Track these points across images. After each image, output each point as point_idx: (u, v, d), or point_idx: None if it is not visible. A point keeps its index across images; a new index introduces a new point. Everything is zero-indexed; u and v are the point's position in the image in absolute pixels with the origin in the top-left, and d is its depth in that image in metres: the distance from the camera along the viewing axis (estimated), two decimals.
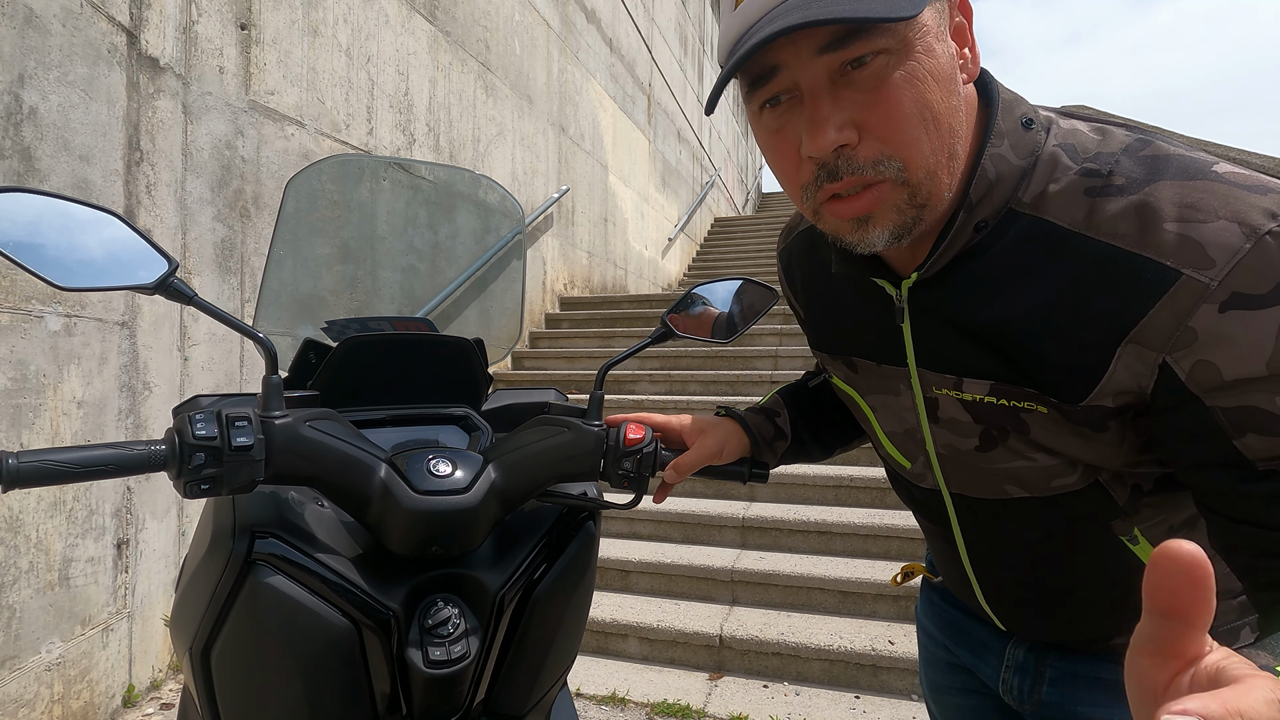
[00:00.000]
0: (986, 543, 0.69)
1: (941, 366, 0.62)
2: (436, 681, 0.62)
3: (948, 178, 0.54)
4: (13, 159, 1.85)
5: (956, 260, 0.58)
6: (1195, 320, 0.47)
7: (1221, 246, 0.46)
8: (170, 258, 0.60)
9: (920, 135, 0.51)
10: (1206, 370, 0.47)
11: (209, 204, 2.51)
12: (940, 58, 0.51)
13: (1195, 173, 0.49)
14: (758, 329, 4.75)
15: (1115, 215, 0.50)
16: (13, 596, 1.87)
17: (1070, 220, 0.52)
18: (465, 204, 1.29)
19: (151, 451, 0.54)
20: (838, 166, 0.52)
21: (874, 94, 0.50)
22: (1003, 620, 0.74)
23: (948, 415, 0.63)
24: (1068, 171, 0.53)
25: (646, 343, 0.79)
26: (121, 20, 2.17)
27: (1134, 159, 0.51)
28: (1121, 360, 0.51)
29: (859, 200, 0.53)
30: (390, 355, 0.78)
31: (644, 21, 7.69)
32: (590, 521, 0.76)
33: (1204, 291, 0.46)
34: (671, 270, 8.76)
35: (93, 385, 2.08)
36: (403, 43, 3.70)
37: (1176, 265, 0.47)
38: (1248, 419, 0.47)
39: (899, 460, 0.73)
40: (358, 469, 0.61)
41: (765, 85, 0.53)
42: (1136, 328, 0.49)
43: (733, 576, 2.83)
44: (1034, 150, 0.55)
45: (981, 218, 0.56)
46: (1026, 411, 0.57)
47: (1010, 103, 0.57)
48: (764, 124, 0.56)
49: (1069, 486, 0.61)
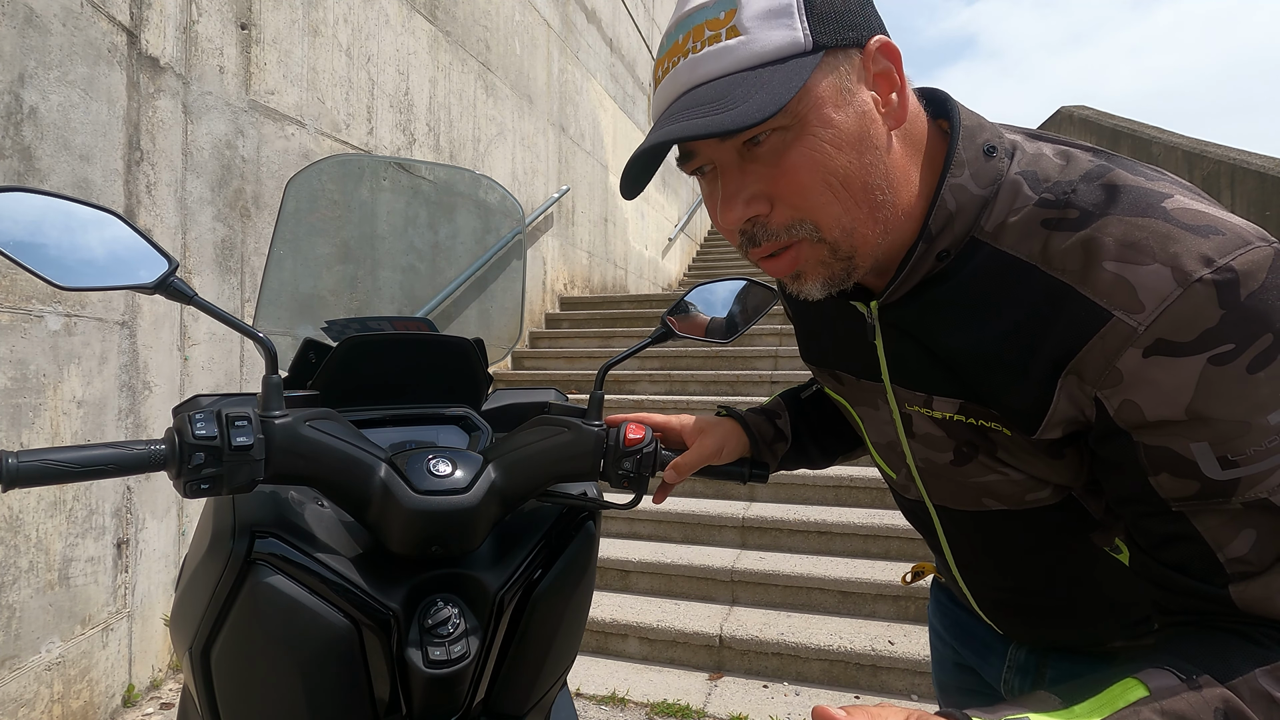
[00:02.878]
0: (972, 552, 0.70)
1: (913, 384, 0.63)
2: (436, 681, 0.62)
3: (872, 229, 0.55)
4: (13, 158, 1.85)
5: (923, 285, 0.59)
6: (1122, 361, 0.48)
7: (1152, 291, 0.46)
8: (170, 257, 0.60)
9: (828, 199, 0.52)
10: (1131, 409, 0.48)
11: (209, 204, 2.51)
12: (841, 125, 0.51)
13: (1144, 209, 0.49)
14: (758, 329, 4.74)
15: (1065, 250, 0.51)
16: (13, 596, 1.87)
17: (1028, 253, 0.53)
18: (465, 204, 1.30)
19: (151, 451, 0.54)
20: (754, 234, 0.55)
21: (775, 168, 0.52)
22: (997, 626, 0.75)
23: (922, 430, 0.64)
24: (1028, 201, 0.54)
25: (646, 343, 0.79)
26: (122, 20, 2.17)
27: (1090, 187, 0.52)
28: (1063, 391, 0.52)
29: (782, 260, 0.55)
30: (390, 355, 0.78)
31: (644, 21, 7.69)
32: (590, 521, 0.76)
33: (1131, 335, 0.47)
34: (672, 270, 8.76)
35: (93, 385, 2.08)
36: (403, 42, 3.70)
37: (1108, 306, 0.48)
38: (1163, 459, 0.48)
39: (886, 470, 0.75)
40: (358, 469, 0.61)
41: (690, 161, 0.57)
42: (1073, 360, 0.50)
43: (733, 576, 2.83)
44: (996, 179, 0.55)
45: (943, 247, 0.57)
46: (994, 431, 0.58)
47: (972, 130, 0.57)
48: (701, 188, 0.60)
49: (1043, 501, 0.61)
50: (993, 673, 0.78)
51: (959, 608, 0.84)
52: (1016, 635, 0.74)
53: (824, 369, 0.76)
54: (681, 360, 4.63)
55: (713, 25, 0.51)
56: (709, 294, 0.86)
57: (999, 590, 0.71)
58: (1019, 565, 0.67)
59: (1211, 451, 0.46)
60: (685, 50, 0.53)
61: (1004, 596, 0.71)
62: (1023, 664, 0.74)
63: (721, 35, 0.51)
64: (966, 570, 0.72)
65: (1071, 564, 0.65)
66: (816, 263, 0.55)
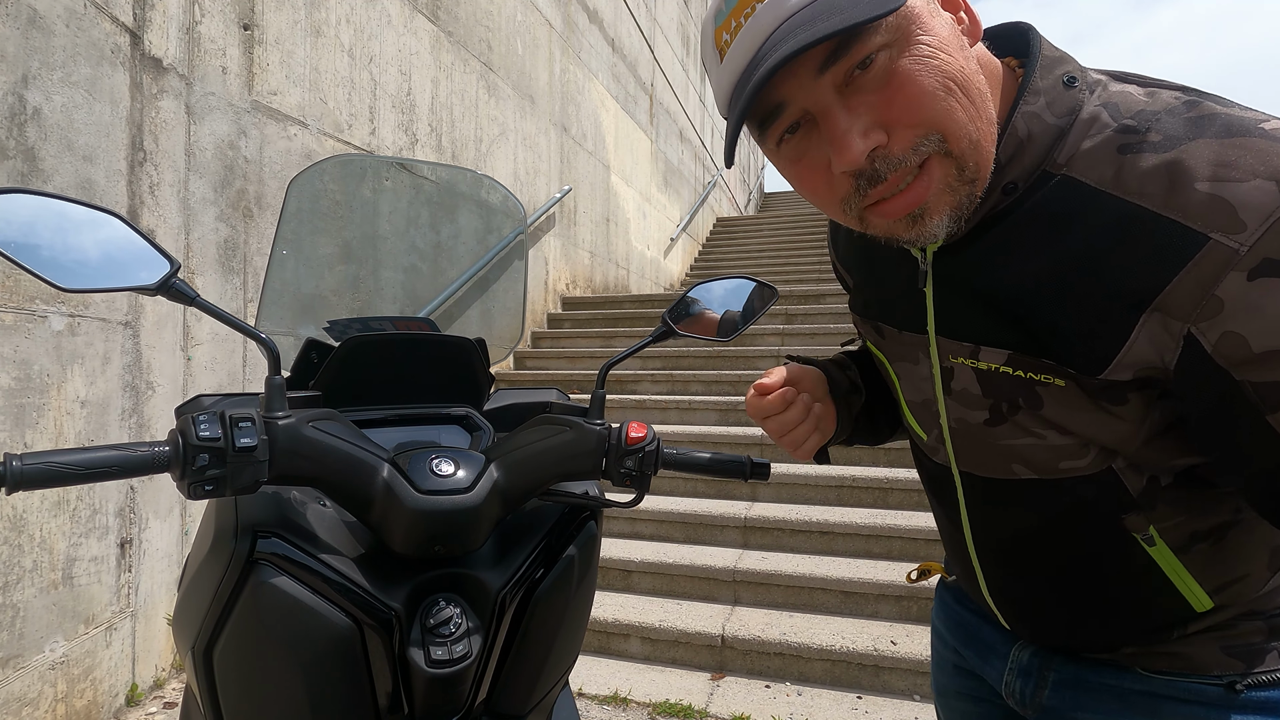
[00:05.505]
0: (992, 528, 0.67)
1: (960, 334, 0.59)
2: (438, 681, 0.62)
3: (990, 143, 0.51)
4: (17, 159, 1.85)
5: (983, 224, 0.56)
6: (1222, 289, 0.43)
7: (1255, 208, 0.42)
8: (172, 259, 0.60)
9: (951, 104, 0.49)
10: (1233, 343, 0.44)
11: (212, 204, 2.51)
12: (941, 30, 0.50)
13: (1240, 130, 0.45)
14: (760, 329, 4.74)
15: (1144, 173, 0.47)
16: (17, 595, 1.88)
17: (1099, 178, 0.50)
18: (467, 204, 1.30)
19: (155, 453, 0.55)
20: (876, 170, 0.50)
21: (887, 89, 0.48)
22: (1006, 617, 0.72)
23: (960, 386, 0.61)
24: (1105, 129, 0.51)
25: (647, 341, 0.79)
26: (125, 21, 2.17)
27: (1176, 118, 0.48)
28: (1144, 330, 0.48)
29: (909, 193, 0.51)
30: (392, 355, 0.78)
31: (646, 21, 7.69)
32: (592, 521, 0.76)
33: (1232, 258, 0.43)
34: (674, 270, 8.76)
35: (96, 385, 2.08)
36: (405, 43, 3.70)
37: (1203, 229, 0.44)
38: (1278, 394, 0.43)
39: (917, 431, 0.72)
40: (360, 469, 0.61)
41: (776, 121, 0.52)
42: (1160, 296, 0.46)
43: (735, 576, 2.82)
44: (1073, 109, 0.52)
45: (1010, 179, 0.53)
46: (1042, 385, 0.54)
47: (1053, 60, 0.54)
48: (784, 156, 0.55)
49: (1079, 470, 0.57)
50: (994, 674, 0.76)
51: (965, 608, 0.82)
52: (1025, 630, 0.71)
53: (867, 320, 0.73)
54: (684, 360, 4.63)
55: None
56: (709, 292, 0.86)
57: (1015, 573, 0.67)
58: (1040, 544, 0.63)
59: None
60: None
61: (1019, 581, 0.67)
62: (1025, 666, 0.71)
63: None
64: (983, 550, 0.69)
65: (1097, 548, 0.60)
66: (944, 188, 0.51)
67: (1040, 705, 0.70)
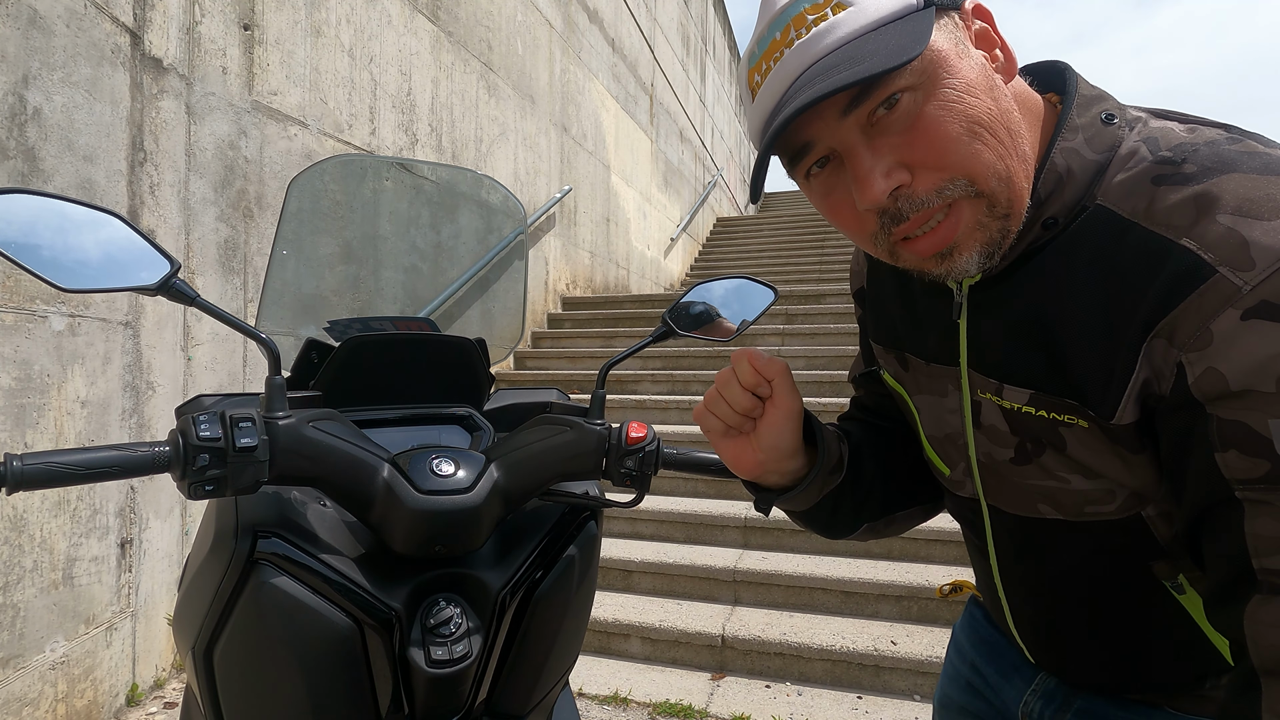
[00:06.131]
0: (1019, 563, 0.66)
1: (988, 370, 0.59)
2: (438, 681, 0.62)
3: (1025, 178, 0.51)
4: (17, 159, 1.85)
5: (1022, 257, 0.55)
6: (1217, 323, 0.44)
7: (1267, 249, 0.42)
8: (172, 259, 0.60)
9: (978, 148, 0.49)
10: (1213, 379, 0.44)
11: (212, 204, 2.51)
12: (968, 73, 0.50)
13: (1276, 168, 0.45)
14: (760, 329, 4.74)
15: (1174, 205, 0.47)
16: (17, 595, 1.88)
17: (1131, 209, 0.50)
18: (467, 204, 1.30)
19: (155, 453, 0.55)
20: (899, 209, 0.50)
21: (912, 131, 0.49)
22: (1030, 649, 0.70)
23: (989, 421, 0.61)
24: (1142, 161, 0.51)
25: (647, 341, 0.79)
26: (125, 21, 2.17)
27: (1216, 149, 0.48)
28: (1146, 357, 0.48)
29: (937, 233, 0.51)
30: (392, 355, 0.78)
31: (646, 21, 7.69)
32: (592, 521, 0.76)
33: (1234, 294, 0.43)
34: (674, 270, 8.76)
35: (96, 385, 2.08)
36: (405, 43, 3.70)
37: (1214, 261, 0.44)
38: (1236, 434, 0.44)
39: (939, 466, 0.71)
40: (361, 469, 0.61)
41: (804, 159, 0.53)
42: (1164, 320, 0.46)
43: (735, 576, 2.82)
44: (1113, 145, 0.52)
45: (1050, 214, 0.53)
46: (1066, 425, 0.54)
47: (1090, 99, 0.55)
48: (814, 190, 0.56)
49: (1104, 515, 0.57)
50: (1012, 694, 0.74)
51: (995, 628, 0.80)
52: (1048, 664, 0.69)
53: (891, 350, 0.72)
54: (684, 360, 4.63)
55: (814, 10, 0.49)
56: (709, 293, 0.86)
57: (1040, 609, 0.66)
58: (1067, 583, 0.63)
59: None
60: (789, 41, 0.50)
61: (1044, 617, 0.66)
62: (1050, 691, 0.69)
63: (828, 13, 0.49)
64: (1009, 582, 0.68)
65: (1124, 592, 0.59)
66: (974, 225, 0.50)
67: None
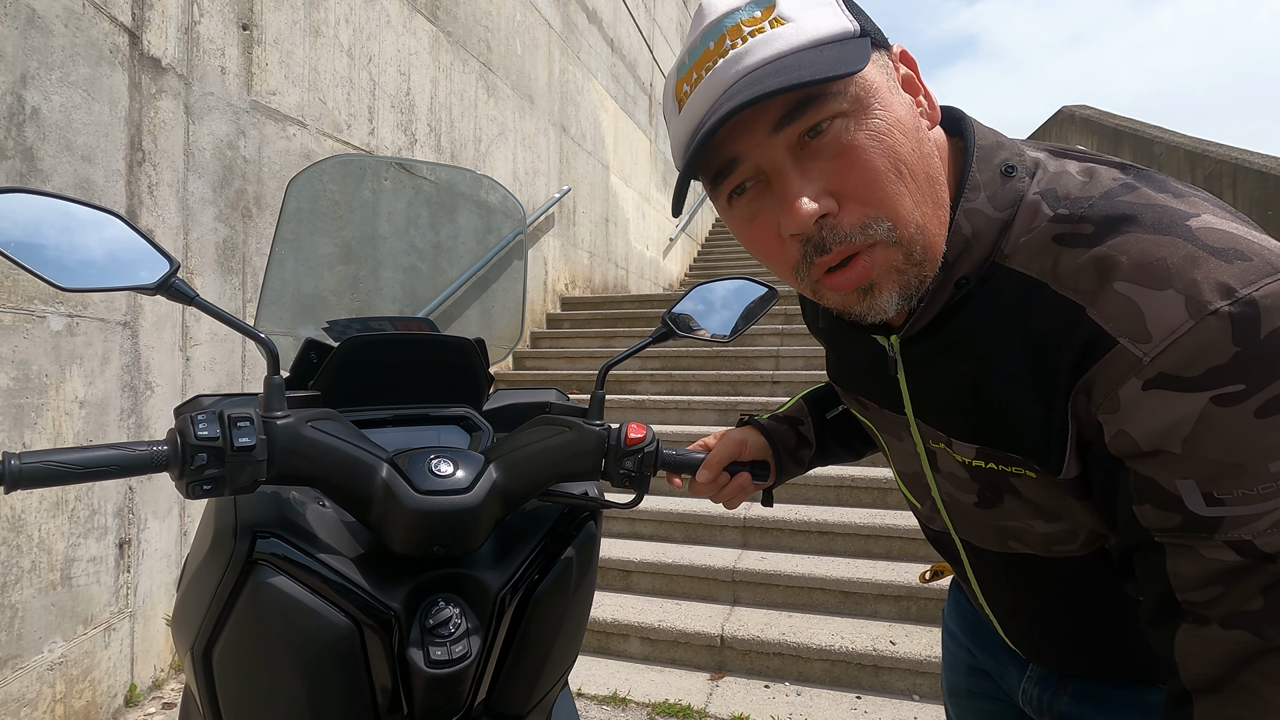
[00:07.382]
0: (999, 587, 0.68)
1: (934, 423, 0.60)
2: (437, 681, 0.62)
3: (938, 228, 0.52)
4: (15, 159, 1.85)
5: (943, 315, 0.56)
6: (1123, 391, 0.45)
7: (1161, 322, 0.43)
8: (171, 258, 0.60)
9: (899, 189, 0.49)
10: (1124, 440, 0.46)
11: (211, 204, 2.51)
12: (898, 109, 0.49)
13: (1166, 226, 0.46)
14: (759, 329, 4.74)
15: (1077, 268, 0.48)
16: (15, 596, 1.87)
17: (1040, 270, 0.50)
18: (466, 204, 1.30)
19: (154, 452, 0.55)
20: (823, 238, 0.50)
21: (841, 158, 0.48)
22: (1024, 653, 0.72)
23: (947, 469, 0.62)
24: (1043, 220, 0.51)
25: (647, 342, 0.79)
26: (124, 21, 2.17)
27: (1110, 202, 0.49)
28: (1073, 414, 0.49)
29: (853, 268, 0.50)
30: (391, 355, 0.78)
31: (645, 21, 7.69)
32: (591, 521, 0.76)
33: (1135, 365, 0.44)
34: (673, 270, 8.76)
35: (95, 385, 2.08)
36: (404, 43, 3.70)
37: (1114, 332, 0.45)
38: (1149, 490, 0.46)
39: (910, 499, 0.73)
40: (359, 469, 0.61)
41: (728, 177, 0.52)
42: (1080, 381, 0.48)
43: (734, 577, 2.82)
44: (1015, 200, 0.53)
45: (961, 274, 0.54)
46: (1016, 476, 0.55)
47: (989, 149, 0.55)
48: (736, 215, 0.54)
49: (1070, 552, 0.59)
50: (1010, 680, 0.75)
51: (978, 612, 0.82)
52: (1044, 663, 0.71)
53: (849, 393, 0.74)
54: (683, 360, 4.63)
55: (751, 22, 0.49)
56: (709, 293, 0.86)
57: (1027, 624, 0.68)
58: (1046, 606, 0.65)
59: (1198, 488, 0.44)
60: (723, 51, 0.49)
61: (1032, 631, 0.68)
62: (1045, 676, 0.71)
63: (766, 26, 0.48)
64: (993, 603, 0.70)
65: (1105, 608, 0.62)
66: (890, 269, 0.50)
67: (1058, 712, 0.69)
